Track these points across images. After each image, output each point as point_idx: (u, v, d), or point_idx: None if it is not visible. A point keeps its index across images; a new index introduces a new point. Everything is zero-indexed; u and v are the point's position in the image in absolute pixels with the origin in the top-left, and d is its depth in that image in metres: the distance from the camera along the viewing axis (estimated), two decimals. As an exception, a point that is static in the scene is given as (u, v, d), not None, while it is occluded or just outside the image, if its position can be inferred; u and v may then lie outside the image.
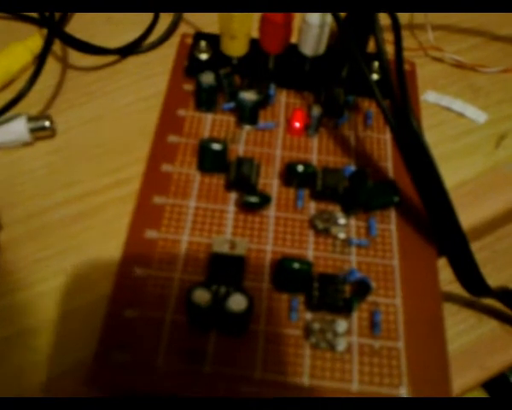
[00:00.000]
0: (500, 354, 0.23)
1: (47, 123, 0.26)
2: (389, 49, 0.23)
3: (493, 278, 0.24)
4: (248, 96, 0.26)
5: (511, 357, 0.24)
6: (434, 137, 0.27)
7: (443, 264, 0.23)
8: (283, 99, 0.28)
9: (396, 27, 0.23)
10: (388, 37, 0.24)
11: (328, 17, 0.25)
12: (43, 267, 0.23)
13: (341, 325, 0.20)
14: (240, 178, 0.23)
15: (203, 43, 0.28)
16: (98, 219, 0.24)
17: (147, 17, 0.33)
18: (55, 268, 0.23)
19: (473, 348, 0.23)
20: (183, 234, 0.22)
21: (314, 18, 0.25)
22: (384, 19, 0.23)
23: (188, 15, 0.33)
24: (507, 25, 0.34)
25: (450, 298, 0.24)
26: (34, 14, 0.32)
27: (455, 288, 0.23)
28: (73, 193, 0.25)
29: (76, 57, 0.31)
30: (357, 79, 0.27)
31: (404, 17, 0.34)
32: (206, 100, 0.26)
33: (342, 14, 0.25)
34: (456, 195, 0.25)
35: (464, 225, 0.22)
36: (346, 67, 0.27)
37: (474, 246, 0.25)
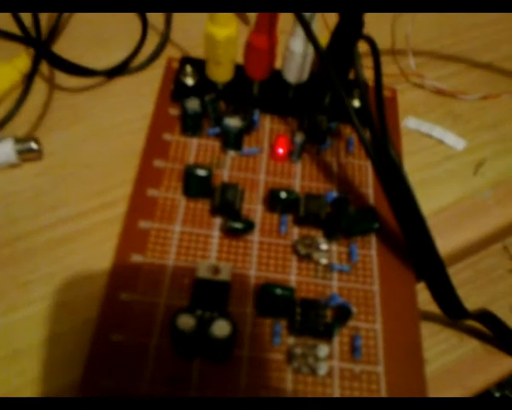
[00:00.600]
0: (481, 374, 0.24)
1: (34, 145, 0.27)
2: (370, 75, 0.24)
3: (475, 298, 0.25)
4: (233, 121, 0.26)
5: (492, 376, 0.24)
6: (414, 163, 0.28)
7: (423, 285, 0.23)
8: (267, 125, 0.28)
9: (375, 53, 0.23)
10: (369, 63, 0.25)
11: (310, 46, 0.26)
12: (29, 291, 0.23)
13: (323, 349, 0.21)
14: (224, 204, 0.24)
15: (189, 68, 0.28)
16: (84, 242, 0.24)
17: (134, 39, 0.33)
18: (41, 292, 0.23)
19: (454, 367, 0.24)
20: (168, 259, 0.23)
21: (297, 46, 0.26)
22: (364, 45, 0.24)
23: (174, 37, 0.34)
24: (487, 52, 0.35)
25: (432, 318, 0.25)
26: (20, 33, 0.32)
27: (436, 308, 0.24)
28: (59, 216, 0.25)
29: (63, 78, 0.31)
30: (340, 105, 0.28)
31: (385, 43, 0.35)
32: (191, 125, 0.27)
33: (323, 42, 0.25)
34: (435, 221, 0.25)
35: (442, 251, 0.22)
36: (328, 94, 0.28)
37: (456, 266, 0.26)
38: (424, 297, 0.23)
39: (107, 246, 0.24)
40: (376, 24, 0.34)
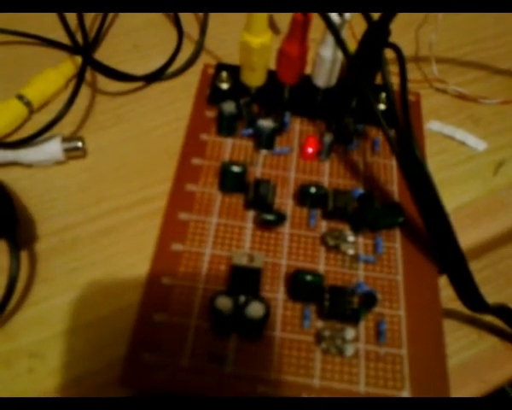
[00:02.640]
0: (500, 370, 0.24)
1: (79, 144, 0.29)
2: (395, 80, 0.26)
3: (494, 297, 0.25)
4: (266, 123, 0.28)
5: (510, 372, 0.25)
6: (436, 163, 0.30)
7: (445, 283, 0.24)
8: (297, 127, 0.30)
9: (401, 60, 0.25)
10: (394, 69, 0.27)
11: (339, 52, 0.28)
12: (76, 276, 0.25)
13: (350, 332, 0.22)
14: (257, 198, 0.25)
15: (224, 74, 0.30)
16: (127, 233, 0.26)
17: (171, 46, 0.35)
18: (87, 278, 0.25)
19: (473, 363, 0.24)
20: (205, 247, 0.24)
21: (327, 52, 0.28)
22: (390, 53, 0.26)
23: (208, 45, 0.36)
24: (508, 59, 0.36)
25: (452, 315, 0.25)
26: (66, 42, 0.34)
27: (457, 305, 0.25)
28: (103, 209, 0.27)
29: (104, 83, 0.33)
30: (366, 108, 0.29)
31: (409, 50, 0.36)
32: (226, 126, 0.29)
33: (351, 50, 0.27)
34: (456, 217, 0.27)
35: (463, 245, 0.24)
36: (355, 97, 0.30)
37: (476, 265, 0.27)
38: (445, 295, 0.24)
39: (148, 237, 0.26)
40: (401, 32, 0.36)
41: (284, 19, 0.34)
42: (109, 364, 0.22)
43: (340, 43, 0.25)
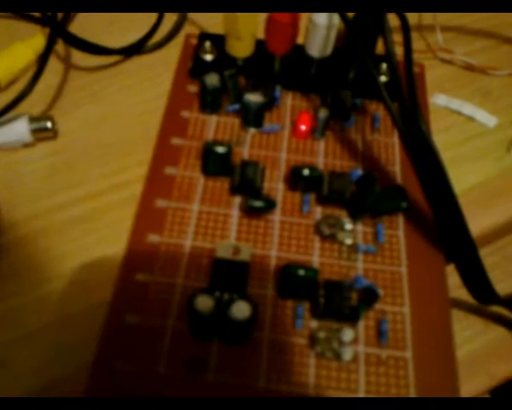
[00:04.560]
0: (508, 362, 0.23)
1: (49, 124, 0.26)
2: (398, 50, 0.23)
3: (503, 284, 0.24)
4: (253, 98, 0.25)
5: None
6: (443, 141, 0.27)
7: (450, 269, 0.22)
8: (289, 101, 0.27)
9: (405, 28, 0.22)
10: (397, 38, 0.24)
11: (336, 18, 0.25)
12: (44, 270, 0.22)
13: (348, 333, 0.20)
14: (244, 182, 0.23)
15: (208, 44, 0.27)
16: (100, 222, 0.24)
17: (151, 18, 0.32)
18: (56, 272, 0.22)
19: (480, 354, 0.23)
20: (185, 238, 0.22)
21: (321, 18, 0.25)
22: (393, 20, 0.23)
23: (192, 15, 0.33)
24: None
25: (458, 304, 0.24)
26: (36, 14, 0.31)
27: (462, 294, 0.23)
28: (75, 195, 0.25)
29: (79, 57, 0.30)
30: (365, 81, 0.27)
31: (412, 18, 0.33)
32: (210, 102, 0.26)
33: (350, 15, 0.24)
34: (466, 200, 0.24)
35: (473, 232, 0.21)
36: (353, 68, 0.27)
37: (484, 251, 0.25)
38: (450, 282, 0.22)
39: (123, 226, 0.23)
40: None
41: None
42: (80, 369, 0.20)
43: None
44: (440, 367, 0.19)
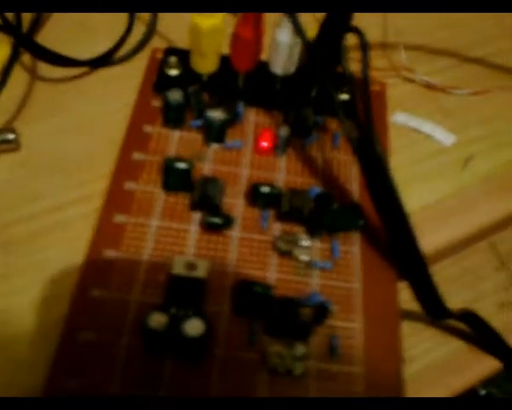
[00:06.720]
0: (466, 373, 0.23)
1: (11, 136, 0.26)
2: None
3: (461, 295, 0.25)
4: (216, 114, 0.26)
5: (477, 375, 0.24)
6: (402, 158, 0.28)
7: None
8: (252, 118, 0.27)
9: (363, 46, 0.23)
10: (359, 55, 0.24)
11: (296, 43, 0.25)
12: (1, 285, 0.22)
13: (299, 349, 0.20)
14: (203, 199, 0.23)
15: (173, 59, 0.27)
16: (59, 236, 0.24)
17: (119, 29, 0.32)
18: (13, 286, 0.22)
19: (438, 366, 0.23)
20: (143, 254, 0.22)
21: (284, 36, 0.25)
22: (354, 38, 0.23)
23: (161, 28, 0.33)
24: (478, 47, 0.34)
25: (416, 316, 0.24)
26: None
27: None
28: (36, 209, 0.25)
29: (45, 68, 0.30)
30: (326, 99, 0.27)
31: (377, 37, 0.34)
32: (173, 117, 0.26)
33: (311, 35, 0.24)
34: (421, 218, 0.25)
35: (428, 248, 0.22)
36: (315, 86, 0.27)
37: (442, 263, 0.26)
38: (410, 294, 0.23)
39: (82, 241, 0.23)
40: (368, 16, 0.34)
41: None
42: (32, 389, 0.19)
43: (296, 27, 0.23)
44: (388, 382, 0.20)
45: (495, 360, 0.23)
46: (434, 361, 0.23)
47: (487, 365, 0.24)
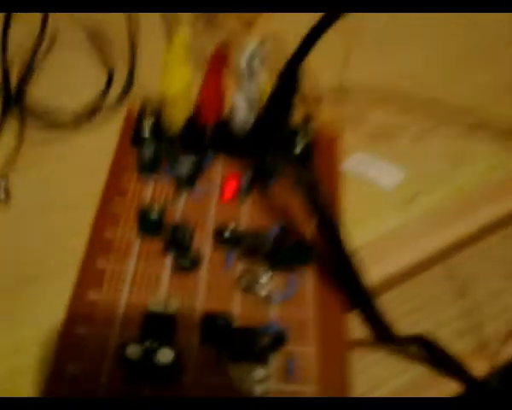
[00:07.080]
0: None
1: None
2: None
3: (422, 324, 0.27)
4: (186, 162, 0.29)
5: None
6: (352, 199, 0.30)
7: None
8: (220, 165, 0.31)
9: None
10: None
11: (255, 97, 0.29)
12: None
13: (259, 372, 0.23)
14: (174, 243, 0.26)
15: (146, 118, 0.31)
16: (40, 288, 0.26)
17: (100, 83, 0.36)
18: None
19: (402, 391, 0.25)
20: (121, 295, 0.25)
21: (241, 102, 0.29)
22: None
23: (140, 79, 0.37)
24: (427, 88, 0.38)
25: (377, 344, 0.26)
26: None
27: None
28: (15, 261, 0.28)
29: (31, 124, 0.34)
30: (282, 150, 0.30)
31: (331, 82, 0.36)
32: (147, 168, 0.29)
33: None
34: (370, 250, 0.28)
35: (375, 279, 0.26)
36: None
37: (403, 292, 0.28)
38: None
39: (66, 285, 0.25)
40: (322, 64, 0.36)
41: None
42: None
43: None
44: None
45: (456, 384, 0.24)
46: (399, 386, 0.25)
47: (448, 388, 0.25)
